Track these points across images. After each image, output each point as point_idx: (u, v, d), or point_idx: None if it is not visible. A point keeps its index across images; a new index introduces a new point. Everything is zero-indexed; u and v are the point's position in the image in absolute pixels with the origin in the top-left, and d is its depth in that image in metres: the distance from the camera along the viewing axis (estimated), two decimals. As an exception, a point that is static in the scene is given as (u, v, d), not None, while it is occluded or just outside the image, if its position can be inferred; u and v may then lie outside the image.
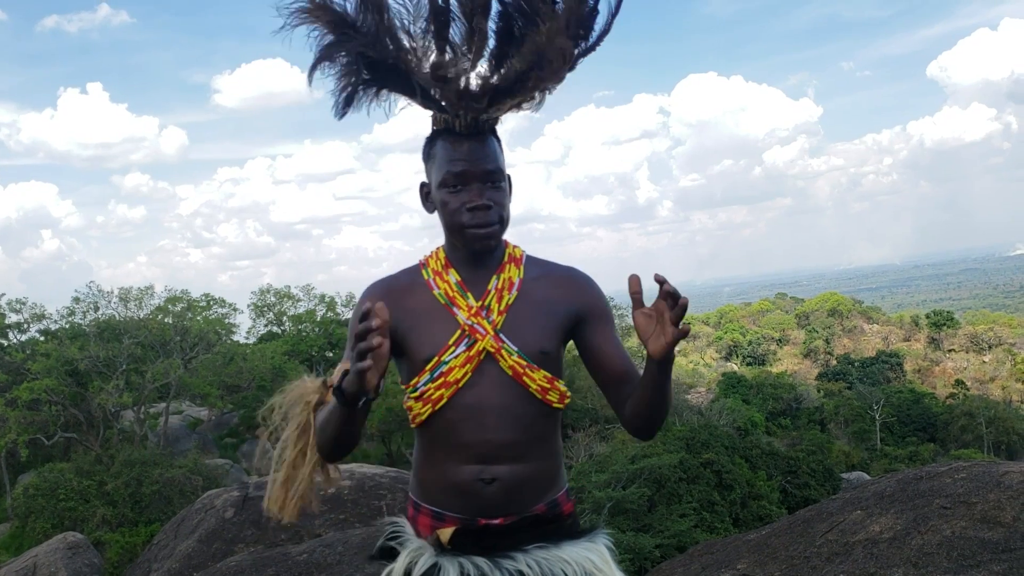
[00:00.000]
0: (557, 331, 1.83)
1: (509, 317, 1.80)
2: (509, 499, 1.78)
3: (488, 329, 1.77)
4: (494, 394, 1.77)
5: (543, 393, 1.79)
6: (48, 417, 28.30)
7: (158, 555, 8.07)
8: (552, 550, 1.77)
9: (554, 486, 1.87)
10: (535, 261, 1.90)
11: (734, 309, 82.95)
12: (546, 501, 1.84)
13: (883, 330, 69.86)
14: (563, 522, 1.86)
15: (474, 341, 1.77)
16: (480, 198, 1.76)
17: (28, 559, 8.93)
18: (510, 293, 1.81)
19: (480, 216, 1.76)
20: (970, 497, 3.90)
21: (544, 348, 1.80)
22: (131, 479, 22.90)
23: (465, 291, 1.81)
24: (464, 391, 1.77)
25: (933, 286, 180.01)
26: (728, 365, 64.53)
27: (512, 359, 1.76)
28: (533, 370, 1.78)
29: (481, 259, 1.84)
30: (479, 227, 1.76)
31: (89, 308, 32.72)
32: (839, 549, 3.89)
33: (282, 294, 46.86)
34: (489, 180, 1.77)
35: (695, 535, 19.79)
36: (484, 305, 1.80)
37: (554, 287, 1.86)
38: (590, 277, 1.91)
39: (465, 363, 1.76)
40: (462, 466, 1.78)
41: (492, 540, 1.77)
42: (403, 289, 1.87)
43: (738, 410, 39.61)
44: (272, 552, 5.53)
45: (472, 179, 1.76)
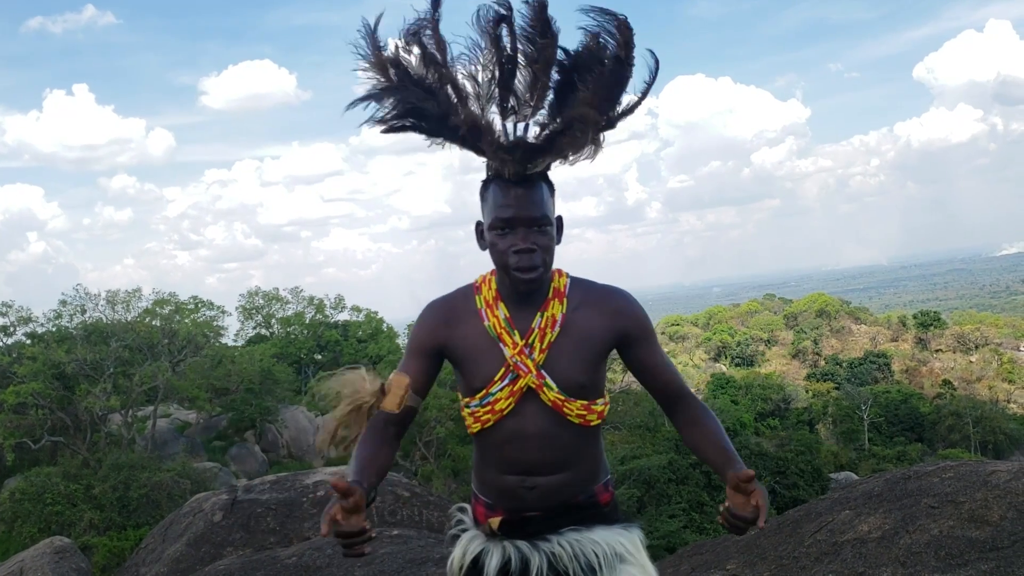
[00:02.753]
0: (596, 361, 2.00)
1: (551, 354, 1.96)
2: (548, 500, 2.00)
3: (531, 368, 1.94)
4: (535, 422, 1.97)
5: (581, 419, 1.98)
6: (35, 421, 28.12)
7: (146, 559, 8.03)
8: (584, 532, 1.99)
9: (592, 481, 2.06)
10: (578, 285, 2.03)
11: (723, 310, 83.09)
12: (584, 493, 2.04)
13: (871, 331, 70.09)
14: (599, 509, 2.05)
15: (517, 376, 1.95)
16: (525, 242, 1.90)
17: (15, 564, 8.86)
18: (552, 331, 1.96)
19: (525, 260, 1.90)
20: (957, 496, 3.92)
21: (582, 382, 1.97)
22: (119, 483, 22.76)
23: (512, 328, 1.97)
24: (508, 418, 1.97)
25: (920, 287, 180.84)
26: (717, 366, 64.67)
27: (552, 395, 1.94)
28: (571, 403, 1.96)
29: (529, 296, 1.98)
30: (522, 270, 1.90)
31: (76, 311, 32.53)
32: (828, 549, 3.90)
33: (270, 296, 46.78)
34: (535, 225, 1.90)
35: (685, 536, 19.84)
36: (528, 343, 1.95)
37: (595, 316, 2.00)
38: (629, 296, 2.05)
39: (509, 396, 1.96)
40: (507, 475, 2.01)
41: (534, 527, 2.00)
42: (459, 313, 2.03)
43: (727, 411, 39.74)
44: (261, 556, 5.51)
45: (519, 224, 1.90)
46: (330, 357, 43.67)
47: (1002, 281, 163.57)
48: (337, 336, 44.33)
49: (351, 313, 47.79)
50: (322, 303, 46.86)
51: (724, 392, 49.72)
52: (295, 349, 43.53)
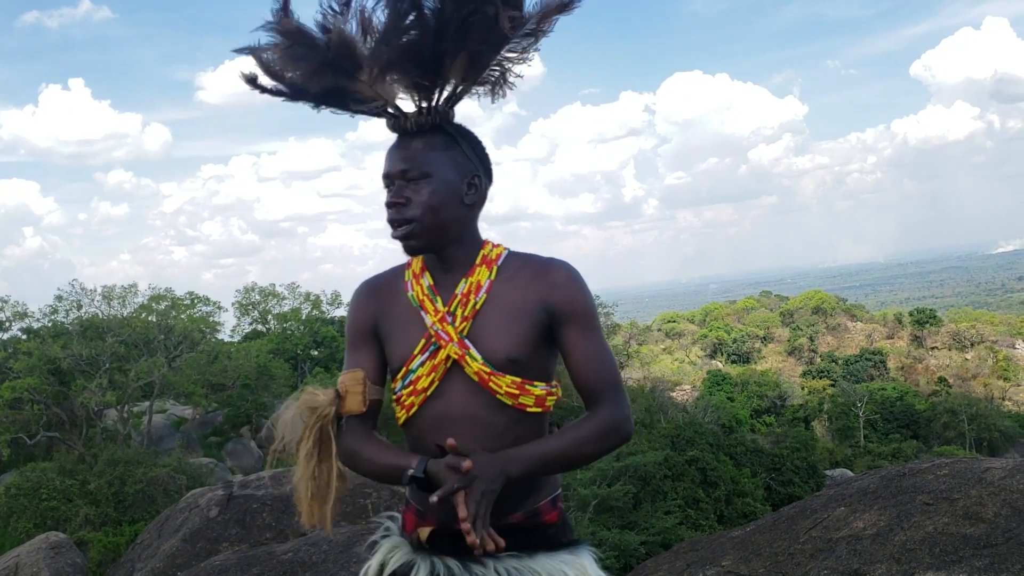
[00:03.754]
0: (530, 334, 1.76)
1: (477, 322, 1.76)
2: None
3: (452, 335, 1.74)
4: (461, 403, 1.74)
5: (513, 398, 1.74)
6: (30, 416, 28.07)
7: (142, 554, 8.03)
8: (525, 560, 1.73)
9: (535, 493, 1.81)
10: (516, 257, 1.84)
11: (719, 307, 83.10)
12: (525, 509, 1.79)
13: (867, 328, 70.15)
14: (543, 531, 1.80)
15: (438, 348, 1.75)
16: (393, 196, 1.76)
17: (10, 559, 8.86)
18: (476, 296, 1.76)
19: (392, 213, 1.76)
20: (952, 493, 3.93)
21: (512, 355, 1.74)
22: (114, 478, 22.73)
23: (435, 295, 1.79)
24: (433, 400, 1.76)
25: (916, 284, 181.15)
26: (713, 363, 64.70)
27: (476, 365, 1.72)
28: (499, 377, 1.73)
29: (449, 263, 1.81)
30: (392, 225, 1.76)
31: (72, 306, 32.47)
32: (823, 545, 3.91)
33: (267, 292, 46.71)
34: (405, 178, 1.76)
35: (680, 532, 19.85)
36: (450, 310, 1.76)
37: (527, 286, 1.78)
38: (573, 271, 1.81)
39: (431, 371, 1.76)
40: None
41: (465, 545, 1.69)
42: (387, 290, 1.88)
43: (723, 408, 39.80)
44: (257, 551, 5.51)
45: (394, 178, 1.77)
46: (326, 353, 43.64)
47: (998, 278, 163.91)
48: (334, 332, 44.26)
49: (348, 309, 47.60)
50: (319, 299, 46.78)
51: (720, 389, 49.78)
52: (292, 345, 43.45)
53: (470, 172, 1.80)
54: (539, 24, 1.74)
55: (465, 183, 1.79)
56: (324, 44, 1.71)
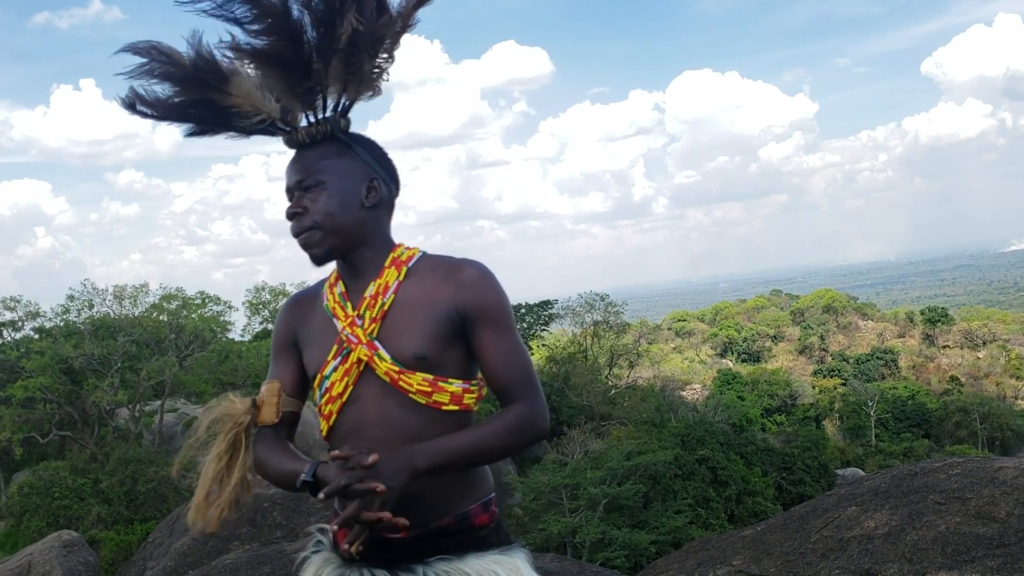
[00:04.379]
0: (439, 332, 1.75)
1: (386, 323, 1.76)
2: (407, 512, 1.65)
3: (361, 337, 1.75)
4: (376, 406, 1.74)
5: (426, 396, 1.73)
6: (43, 415, 28.21)
7: (153, 553, 8.07)
8: (454, 562, 1.73)
9: (464, 497, 1.79)
10: (429, 259, 1.84)
11: (729, 306, 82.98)
12: (454, 513, 1.77)
13: (878, 327, 69.96)
14: (473, 534, 1.78)
15: (349, 352, 1.76)
16: (292, 207, 1.79)
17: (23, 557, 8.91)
18: (384, 297, 1.77)
19: (294, 225, 1.79)
20: (964, 493, 3.91)
21: (420, 352, 1.73)
22: (126, 477, 22.87)
23: (346, 301, 1.81)
24: (349, 405, 1.77)
25: (928, 282, 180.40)
26: (723, 362, 64.61)
27: (385, 365, 1.72)
28: (409, 375, 1.72)
29: (358, 268, 1.82)
30: (296, 235, 1.79)
31: (83, 306, 32.59)
32: (834, 545, 3.90)
33: (277, 292, 46.70)
34: (300, 188, 1.79)
35: (690, 531, 19.85)
36: (359, 313, 1.78)
37: (436, 286, 1.78)
38: (483, 270, 1.80)
39: (344, 376, 1.76)
40: None
41: (395, 553, 1.73)
42: (308, 302, 1.91)
43: (733, 407, 39.68)
44: (267, 549, 5.53)
45: (293, 189, 1.80)
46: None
47: (1010, 277, 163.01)
48: (343, 331, 44.38)
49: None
50: (329, 298, 46.88)
51: (730, 388, 49.70)
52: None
53: (368, 176, 1.82)
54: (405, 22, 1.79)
55: (363, 187, 1.80)
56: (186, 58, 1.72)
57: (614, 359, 43.21)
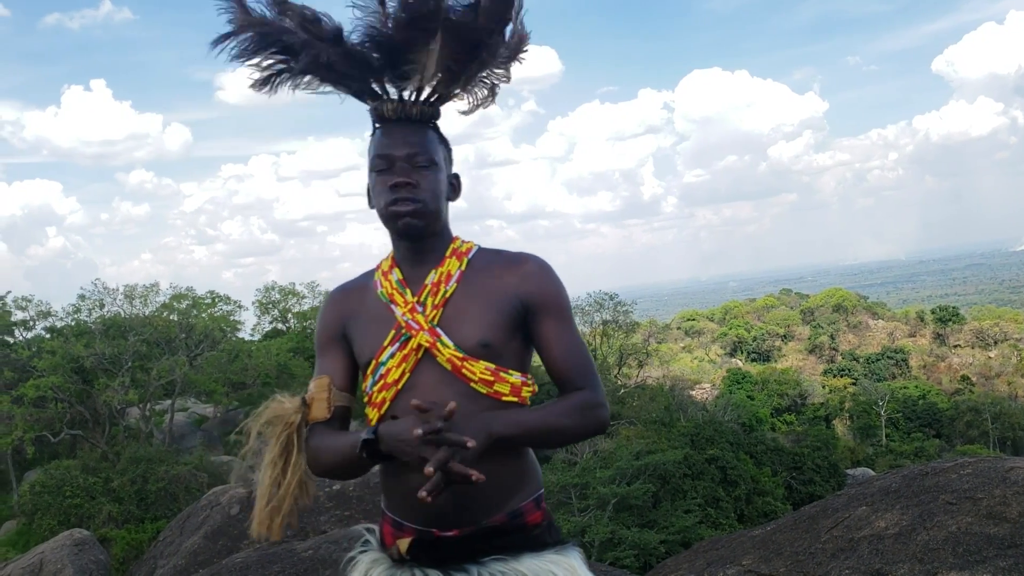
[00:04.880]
0: (502, 322, 1.73)
1: (447, 311, 1.73)
2: (462, 508, 1.68)
3: (422, 324, 1.71)
4: (434, 393, 1.67)
5: (488, 385, 1.70)
6: (54, 414, 28.35)
7: (164, 551, 8.10)
8: (510, 563, 1.69)
9: (518, 493, 1.76)
10: (486, 252, 1.83)
11: (739, 305, 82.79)
12: (507, 510, 1.73)
13: (888, 326, 69.67)
14: (527, 532, 1.75)
15: (408, 338, 1.72)
16: (404, 175, 1.73)
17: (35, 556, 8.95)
18: (447, 285, 1.75)
19: (404, 192, 1.72)
20: (976, 493, 3.89)
21: (484, 340, 1.71)
22: (137, 476, 22.95)
23: (405, 287, 1.78)
24: (404, 393, 1.71)
25: (938, 281, 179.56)
26: (733, 361, 64.46)
27: (448, 352, 1.69)
28: (472, 362, 1.69)
29: (422, 255, 1.80)
30: (401, 204, 1.72)
31: (94, 305, 32.75)
32: (844, 545, 3.89)
33: (287, 291, 46.89)
34: (417, 163, 1.74)
35: (700, 531, 19.81)
36: (420, 300, 1.75)
37: (500, 276, 1.77)
38: (544, 263, 1.81)
39: (401, 362, 1.72)
40: (410, 474, 1.66)
41: (448, 552, 1.70)
42: (356, 293, 1.87)
43: (743, 406, 39.59)
44: (277, 548, 5.54)
45: (398, 160, 1.74)
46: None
47: (1022, 276, 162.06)
48: (353, 331, 44.43)
49: (316, 317, 47.62)
50: (338, 298, 46.95)
51: (740, 387, 49.57)
52: (311, 344, 43.46)
53: (450, 171, 1.85)
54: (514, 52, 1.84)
55: (449, 181, 1.83)
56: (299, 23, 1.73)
57: (623, 358, 43.17)
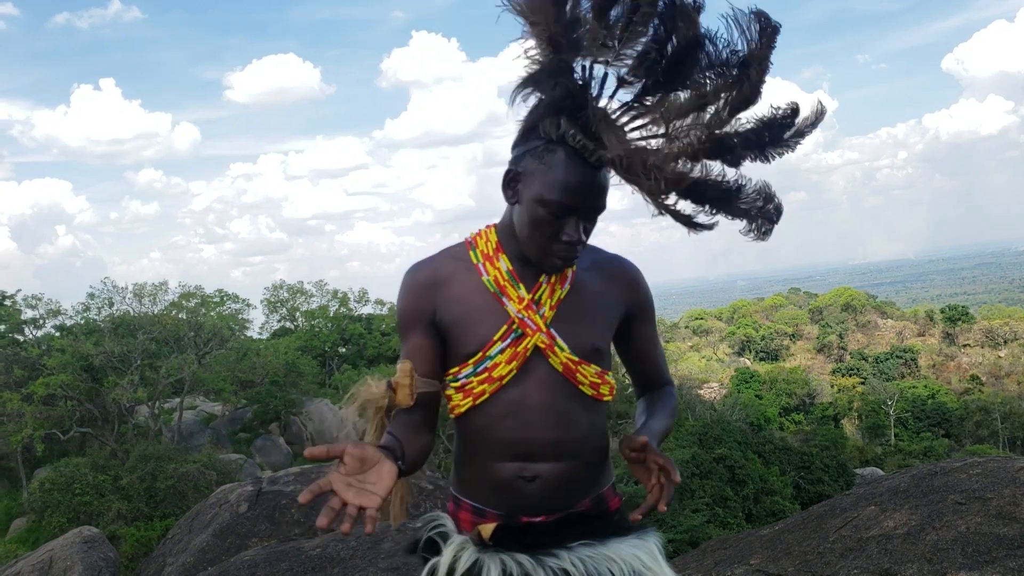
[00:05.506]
0: (610, 326, 1.78)
1: (561, 311, 1.71)
2: (551, 496, 1.72)
3: (540, 324, 1.69)
4: (540, 391, 1.69)
5: (595, 388, 1.73)
6: (64, 412, 28.48)
7: (172, 549, 8.12)
8: (598, 548, 1.71)
9: (600, 481, 1.81)
10: (586, 248, 1.78)
11: (747, 304, 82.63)
12: (591, 497, 1.78)
13: (897, 325, 69.47)
14: (610, 518, 1.80)
15: (522, 336, 1.69)
16: (577, 233, 1.65)
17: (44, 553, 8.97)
18: (563, 287, 1.73)
19: (571, 252, 1.66)
20: (985, 493, 3.88)
21: (596, 345, 1.73)
22: (146, 474, 23.04)
23: (517, 281, 1.72)
24: (508, 387, 1.70)
25: (948, 281, 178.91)
26: (741, 360, 64.36)
27: (564, 355, 1.69)
28: (585, 366, 1.71)
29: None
30: (565, 260, 1.67)
31: (104, 304, 32.91)
32: (853, 545, 3.88)
33: (295, 290, 47.05)
34: (591, 217, 1.67)
35: (708, 530, 19.78)
36: (535, 298, 1.71)
37: (607, 280, 1.79)
38: (639, 271, 1.86)
39: (512, 359, 1.69)
40: (503, 463, 1.71)
41: (535, 538, 1.71)
42: (448, 271, 1.77)
43: (751, 405, 39.55)
44: (286, 546, 5.56)
45: (577, 211, 1.64)
46: (354, 350, 43.90)
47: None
48: (361, 329, 44.52)
49: (375, 306, 47.84)
50: (346, 296, 47.04)
51: (748, 387, 49.50)
52: (319, 342, 43.73)
53: None
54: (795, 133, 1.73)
55: None
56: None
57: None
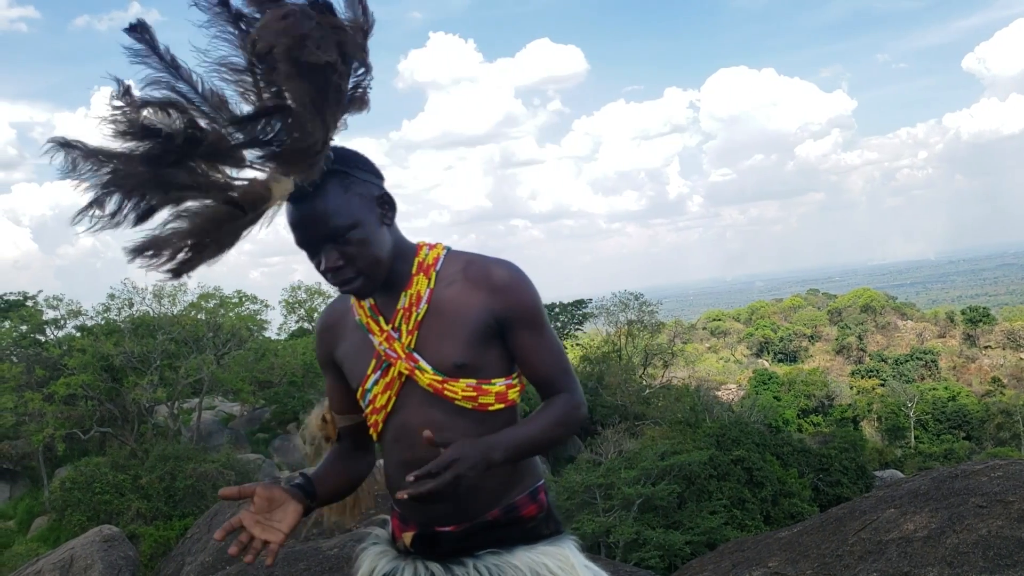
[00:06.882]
0: (476, 339, 1.74)
1: (422, 333, 1.74)
2: (456, 507, 1.77)
3: (400, 352, 1.74)
4: (420, 413, 1.75)
5: (472, 400, 1.74)
6: (84, 412, 28.71)
7: (191, 548, 8.18)
8: (504, 556, 1.76)
9: (512, 488, 1.81)
10: (456, 259, 1.79)
11: (765, 305, 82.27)
12: (501, 505, 1.79)
13: (917, 326, 68.93)
14: (522, 525, 1.80)
15: (389, 365, 1.76)
16: (329, 261, 1.65)
17: (65, 551, 9.07)
18: (418, 308, 1.75)
19: (338, 277, 1.67)
20: (1007, 496, 3.84)
21: (459, 361, 1.73)
22: (165, 473, 23.19)
23: (378, 315, 1.78)
24: (393, 414, 1.79)
25: (969, 282, 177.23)
26: (759, 362, 64.07)
27: (427, 377, 1.73)
28: (452, 383, 1.73)
29: (390, 280, 1.75)
30: (343, 286, 1.69)
31: (124, 304, 33.10)
32: (872, 548, 3.85)
33: (313, 291, 47.12)
34: (333, 238, 1.64)
35: (725, 532, 19.70)
36: (395, 327, 1.76)
37: (469, 290, 1.74)
38: (514, 271, 1.77)
39: (386, 389, 1.78)
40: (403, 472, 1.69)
41: (447, 546, 1.79)
42: (339, 316, 1.90)
43: (769, 407, 39.36)
44: (304, 546, 5.58)
45: (316, 243, 1.65)
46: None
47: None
48: (378, 330, 44.62)
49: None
50: (363, 297, 47.17)
51: (766, 388, 49.25)
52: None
53: (374, 194, 1.71)
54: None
55: (379, 208, 1.71)
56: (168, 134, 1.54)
57: (648, 359, 43.01)
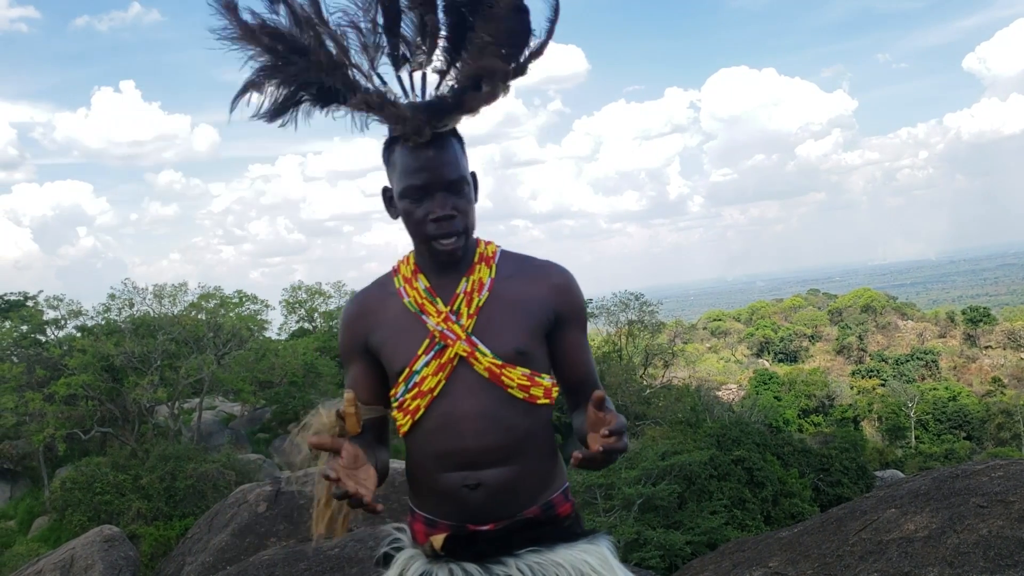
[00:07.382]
0: (534, 329, 1.78)
1: (481, 319, 1.75)
2: (496, 503, 1.74)
3: (459, 333, 1.73)
4: (471, 399, 1.73)
5: (524, 390, 1.74)
6: (85, 412, 28.70)
7: (192, 548, 8.18)
8: (545, 554, 1.74)
9: (548, 486, 1.81)
10: (510, 257, 1.85)
11: (766, 305, 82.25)
12: (539, 503, 1.79)
13: (918, 327, 68.89)
14: (559, 524, 1.81)
15: (444, 347, 1.74)
16: (443, 208, 1.71)
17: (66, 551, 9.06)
18: (480, 294, 1.76)
19: (445, 227, 1.71)
20: (1007, 496, 3.84)
21: (520, 347, 1.75)
22: (165, 473, 23.19)
23: (434, 296, 1.77)
24: (440, 399, 1.74)
25: (969, 282, 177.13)
26: (759, 362, 64.06)
27: (486, 360, 1.72)
28: (511, 369, 1.73)
29: (451, 264, 1.79)
30: (444, 237, 1.72)
31: (124, 305, 33.11)
32: (873, 548, 3.85)
33: (313, 291, 47.18)
34: (452, 188, 1.72)
35: (726, 532, 19.69)
36: (454, 309, 1.75)
37: (529, 284, 1.80)
38: (568, 274, 1.86)
39: (437, 371, 1.74)
40: (446, 473, 1.75)
41: (483, 546, 1.74)
42: (377, 300, 1.86)
43: (769, 407, 39.34)
44: (304, 546, 5.58)
45: (434, 189, 1.71)
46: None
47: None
48: (379, 330, 44.59)
49: (338, 330, 47.84)
50: (364, 297, 47.14)
51: (767, 388, 49.24)
52: (336, 343, 43.83)
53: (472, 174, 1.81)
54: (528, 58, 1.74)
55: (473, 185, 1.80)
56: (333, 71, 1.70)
57: (649, 359, 43.02)
